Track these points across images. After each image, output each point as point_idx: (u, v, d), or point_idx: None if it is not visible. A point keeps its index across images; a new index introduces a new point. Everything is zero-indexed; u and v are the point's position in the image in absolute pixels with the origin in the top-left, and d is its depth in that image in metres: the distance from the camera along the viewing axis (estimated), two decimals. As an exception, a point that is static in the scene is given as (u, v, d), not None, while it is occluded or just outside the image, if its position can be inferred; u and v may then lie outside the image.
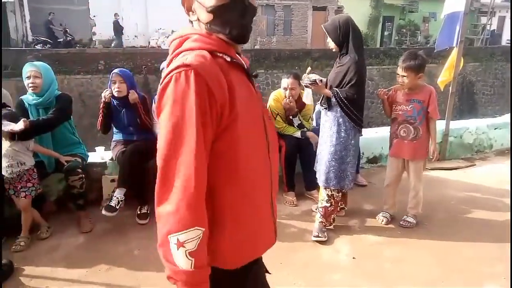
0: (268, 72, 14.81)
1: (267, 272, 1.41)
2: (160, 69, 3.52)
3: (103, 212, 3.04)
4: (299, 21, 21.39)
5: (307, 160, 3.51)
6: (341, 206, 3.25)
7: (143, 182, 3.30)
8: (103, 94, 3.36)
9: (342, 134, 2.88)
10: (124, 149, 3.28)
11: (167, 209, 1.05)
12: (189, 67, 1.04)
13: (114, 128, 3.55)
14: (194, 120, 1.03)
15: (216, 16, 1.13)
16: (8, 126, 2.66)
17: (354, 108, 2.82)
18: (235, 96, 1.09)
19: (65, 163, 3.07)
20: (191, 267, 1.05)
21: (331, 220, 3.10)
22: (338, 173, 2.91)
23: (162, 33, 16.67)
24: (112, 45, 15.65)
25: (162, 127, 1.07)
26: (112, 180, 3.42)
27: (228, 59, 1.14)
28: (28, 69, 3.04)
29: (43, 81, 3.05)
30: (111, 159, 3.49)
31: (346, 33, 2.82)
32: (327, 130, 2.94)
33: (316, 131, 3.58)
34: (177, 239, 1.04)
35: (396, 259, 2.77)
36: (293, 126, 3.73)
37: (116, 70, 3.35)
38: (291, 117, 3.70)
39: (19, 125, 2.67)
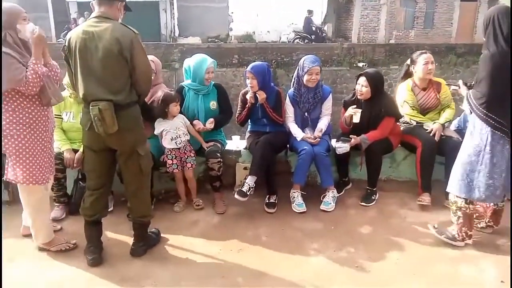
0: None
1: None
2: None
3: (236, 196, 3.26)
4: (444, 13, 19.47)
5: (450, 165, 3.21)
6: (488, 223, 2.91)
7: (273, 172, 3.44)
8: (248, 96, 3.47)
9: (476, 138, 2.59)
10: (257, 140, 3.44)
11: None
12: None
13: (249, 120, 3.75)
14: None
15: None
16: (199, 125, 3.32)
17: (489, 111, 2.50)
18: None
19: (206, 148, 3.38)
20: None
21: (463, 234, 2.78)
22: (465, 181, 2.64)
23: (293, 28, 16.99)
24: (298, 41, 16.19)
25: None
26: (245, 168, 3.63)
27: None
28: (211, 65, 3.40)
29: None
30: (245, 148, 3.70)
31: (487, 26, 2.50)
32: (467, 132, 2.71)
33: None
34: None
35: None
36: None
37: (249, 67, 3.47)
38: None
39: (209, 125, 3.34)
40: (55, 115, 3.29)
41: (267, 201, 3.41)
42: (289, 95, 3.59)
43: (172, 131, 3.26)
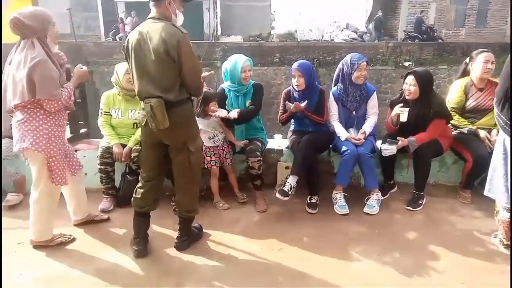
0: (451, 68, 13.32)
1: None
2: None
3: (277, 195, 3.25)
4: (498, 11, 18.44)
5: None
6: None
7: (315, 172, 3.40)
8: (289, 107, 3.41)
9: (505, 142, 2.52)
10: (300, 139, 3.41)
11: None
12: None
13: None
14: None
15: None
16: (222, 112, 3.25)
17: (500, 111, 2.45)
18: None
19: (241, 145, 3.42)
20: None
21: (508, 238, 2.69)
22: (496, 184, 2.59)
23: (336, 26, 16.71)
24: (368, 40, 16.04)
25: None
26: (286, 167, 3.61)
27: None
28: (246, 63, 3.38)
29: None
30: (287, 147, 3.68)
31: None
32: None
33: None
34: None
35: None
36: None
37: (295, 65, 3.42)
38: None
39: (234, 114, 3.23)
40: (104, 112, 3.46)
41: (308, 201, 3.38)
42: (334, 94, 3.53)
43: (210, 130, 3.32)
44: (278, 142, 3.82)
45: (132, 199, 2.78)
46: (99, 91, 11.68)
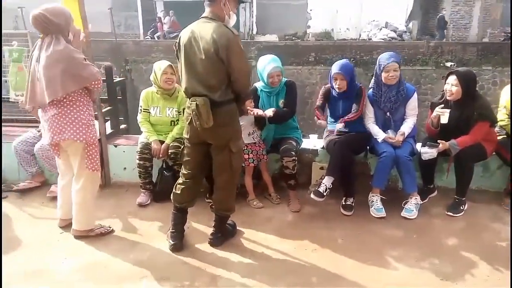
0: (496, 69, 12.71)
1: None
2: None
3: (311, 196, 3.23)
4: (548, 11, 17.38)
5: None
6: None
7: (351, 174, 3.34)
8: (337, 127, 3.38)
9: None
10: (336, 139, 3.36)
11: None
12: None
13: (328, 117, 3.67)
14: None
15: None
16: (258, 111, 3.27)
17: None
18: None
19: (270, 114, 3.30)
20: None
21: None
22: None
23: (375, 25, 16.33)
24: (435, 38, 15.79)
25: None
26: (321, 168, 3.57)
27: None
28: (274, 70, 3.32)
29: (282, 76, 3.40)
30: (322, 147, 3.63)
31: None
32: None
33: None
34: None
35: None
36: None
37: (336, 68, 3.31)
38: None
39: (269, 112, 3.25)
40: (144, 109, 3.55)
41: (343, 203, 3.32)
42: (369, 96, 3.44)
43: (249, 127, 3.35)
44: (313, 142, 3.78)
45: (171, 194, 2.83)
46: (137, 88, 12.03)
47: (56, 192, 3.19)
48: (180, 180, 2.81)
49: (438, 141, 3.18)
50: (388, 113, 3.38)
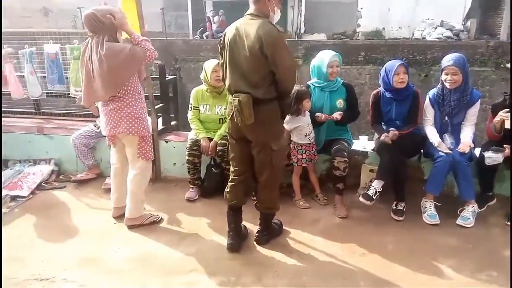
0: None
1: None
2: None
3: (361, 199, 3.15)
4: None
5: None
6: None
7: (403, 178, 3.22)
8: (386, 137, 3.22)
9: None
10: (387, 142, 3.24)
11: None
12: None
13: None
14: None
15: None
16: (322, 116, 3.31)
17: None
18: None
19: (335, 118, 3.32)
20: None
21: None
22: None
23: (429, 23, 15.60)
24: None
25: None
26: (371, 170, 3.47)
27: None
28: (333, 59, 3.36)
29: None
30: (373, 149, 3.53)
31: None
32: None
33: None
34: None
35: None
36: None
37: (398, 61, 3.25)
38: None
39: (336, 115, 3.30)
40: (194, 107, 3.63)
41: (394, 207, 3.21)
42: (430, 97, 3.29)
43: (306, 127, 3.32)
44: (363, 143, 3.68)
45: (224, 193, 2.86)
46: (186, 86, 12.32)
47: (110, 184, 3.35)
48: (230, 178, 2.83)
49: (504, 145, 2.99)
50: (446, 117, 3.22)
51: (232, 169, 2.83)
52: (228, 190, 2.81)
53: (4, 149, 4.20)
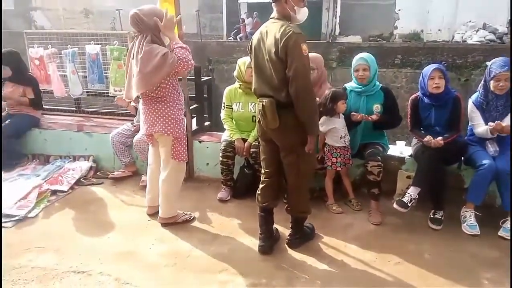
0: None
1: None
2: None
3: (395, 205, 3.06)
4: None
5: None
6: None
7: (441, 185, 3.10)
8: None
9: None
10: (426, 148, 3.12)
11: None
12: None
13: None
14: None
15: None
16: (357, 115, 3.23)
17: None
18: None
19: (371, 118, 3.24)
20: None
21: None
22: None
23: (470, 26, 15.00)
24: None
25: None
26: (408, 177, 3.37)
27: None
28: (359, 62, 3.31)
29: (370, 72, 3.30)
30: (410, 155, 3.43)
31: None
32: None
33: None
34: None
35: None
36: None
37: (434, 66, 3.16)
38: None
39: (374, 116, 3.22)
40: (226, 105, 3.66)
41: (431, 216, 3.10)
42: (474, 101, 3.16)
43: (342, 129, 3.27)
44: (400, 148, 3.58)
45: (256, 195, 2.86)
46: (219, 87, 12.45)
47: (146, 181, 3.42)
48: (261, 180, 2.83)
49: None
50: (491, 123, 3.08)
51: (262, 171, 2.83)
52: (259, 192, 2.81)
53: (46, 145, 4.40)
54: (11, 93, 4.29)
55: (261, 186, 2.81)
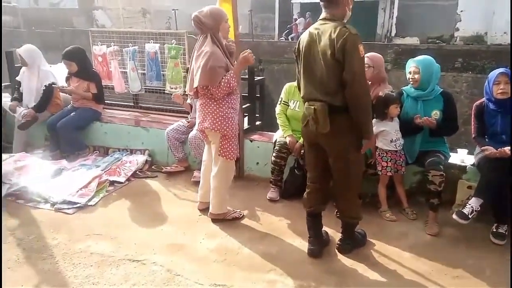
0: None
1: None
2: None
3: (454, 216, 2.90)
4: None
5: None
6: None
7: (507, 198, 2.89)
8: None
9: None
10: (491, 158, 2.93)
11: None
12: None
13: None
14: None
15: None
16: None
17: None
18: None
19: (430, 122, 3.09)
20: None
21: None
22: None
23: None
24: None
25: None
26: (469, 187, 3.18)
27: None
28: (410, 65, 3.23)
29: (421, 76, 3.16)
30: (473, 164, 3.23)
31: None
32: None
33: None
34: None
35: None
36: None
37: (501, 70, 2.99)
38: None
39: (432, 119, 3.10)
40: (283, 101, 3.65)
41: (494, 230, 2.91)
42: None
43: (393, 133, 3.16)
44: (462, 157, 3.38)
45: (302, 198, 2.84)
46: (268, 87, 12.48)
47: (198, 177, 3.51)
48: (307, 184, 2.80)
49: None
50: None
51: (308, 175, 2.80)
52: (305, 196, 2.78)
53: (106, 138, 4.63)
54: (76, 88, 4.56)
55: (307, 190, 2.78)
